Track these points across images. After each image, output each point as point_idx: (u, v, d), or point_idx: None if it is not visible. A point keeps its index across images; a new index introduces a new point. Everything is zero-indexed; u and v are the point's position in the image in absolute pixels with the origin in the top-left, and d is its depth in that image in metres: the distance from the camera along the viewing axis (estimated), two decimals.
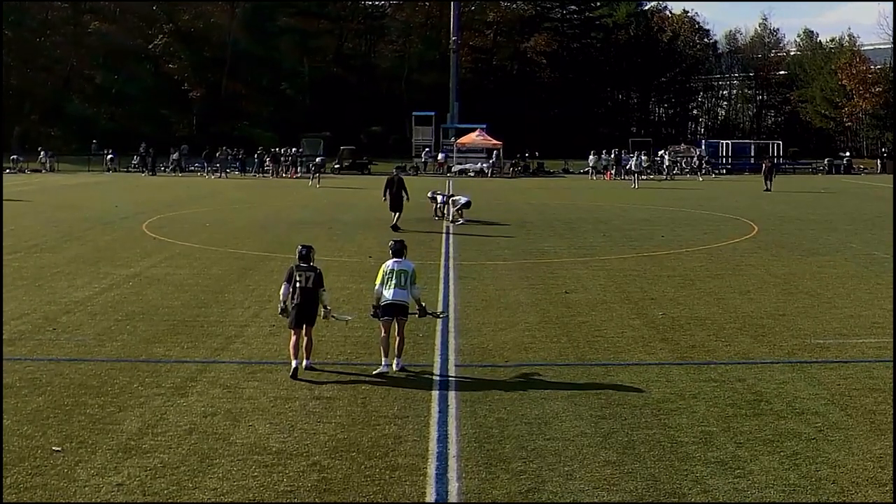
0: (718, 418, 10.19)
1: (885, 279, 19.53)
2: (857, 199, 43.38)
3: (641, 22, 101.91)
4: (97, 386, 11.22)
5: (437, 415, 10.26)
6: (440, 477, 8.47)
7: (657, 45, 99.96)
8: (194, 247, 24.11)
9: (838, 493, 8.22)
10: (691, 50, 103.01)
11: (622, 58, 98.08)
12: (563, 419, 10.10)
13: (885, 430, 9.85)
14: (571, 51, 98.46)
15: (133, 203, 37.48)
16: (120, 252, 22.93)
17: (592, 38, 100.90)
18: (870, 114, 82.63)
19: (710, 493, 8.16)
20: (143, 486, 8.17)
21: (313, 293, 12.36)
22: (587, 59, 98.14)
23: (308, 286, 12.33)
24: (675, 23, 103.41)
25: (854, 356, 13.11)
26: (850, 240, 26.43)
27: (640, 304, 16.66)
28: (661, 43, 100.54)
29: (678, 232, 28.47)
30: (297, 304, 12.20)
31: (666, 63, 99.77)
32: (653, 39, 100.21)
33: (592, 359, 12.86)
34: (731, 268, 21.14)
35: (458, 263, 21.20)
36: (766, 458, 9.02)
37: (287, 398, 10.80)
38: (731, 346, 13.59)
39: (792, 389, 11.34)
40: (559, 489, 8.21)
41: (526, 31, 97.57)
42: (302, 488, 8.18)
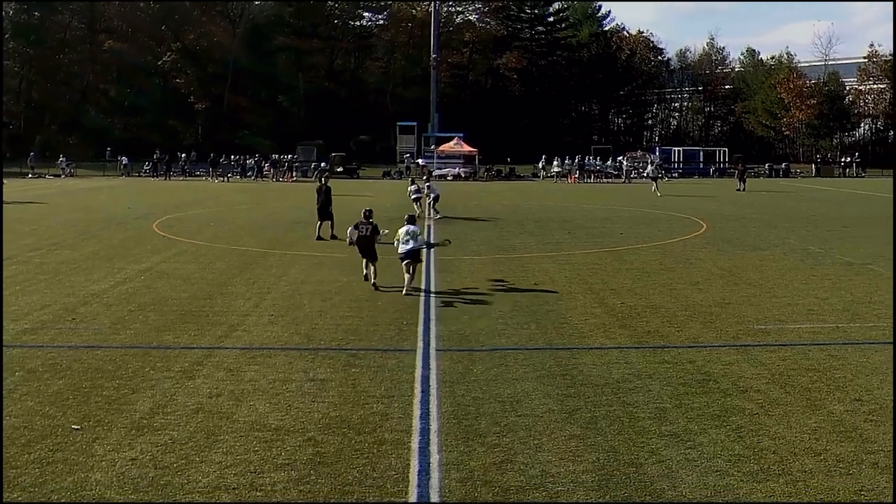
0: (671, 396, 10.25)
1: (818, 271, 19.69)
2: (794, 200, 43.69)
3: (602, 41, 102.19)
4: (112, 370, 11.19)
5: (419, 394, 10.28)
6: (423, 450, 8.49)
7: (616, 62, 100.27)
8: (200, 244, 24.04)
9: (778, 462, 8.29)
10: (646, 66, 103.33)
11: (585, 73, 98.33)
12: (532, 398, 10.13)
13: (819, 406, 9.93)
14: (539, 67, 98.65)
15: (144, 205, 37.35)
16: (132, 249, 22.84)
17: (558, 56, 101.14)
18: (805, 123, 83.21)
19: (664, 462, 8.21)
20: (155, 461, 8.16)
21: (370, 238, 17.30)
22: (554, 74, 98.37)
23: (367, 234, 17.32)
24: (632, 42, 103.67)
25: (792, 340, 13.22)
26: (788, 236, 26.62)
27: (601, 294, 16.73)
28: (620, 60, 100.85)
29: (635, 229, 28.60)
30: (360, 245, 17.32)
31: (624, 78, 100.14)
32: (612, 57, 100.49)
33: (559, 343, 12.91)
34: (683, 261, 21.25)
35: (437, 258, 21.20)
36: (713, 431, 9.09)
37: (284, 380, 10.79)
38: (682, 332, 13.67)
39: (737, 370, 11.42)
40: (529, 460, 8.24)
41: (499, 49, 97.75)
42: (298, 461, 8.18)
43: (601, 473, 7.93)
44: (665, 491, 7.56)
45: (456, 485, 7.66)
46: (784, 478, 7.91)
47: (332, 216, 25.31)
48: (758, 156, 78.14)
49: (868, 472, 8.04)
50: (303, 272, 19.21)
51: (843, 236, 26.70)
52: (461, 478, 7.81)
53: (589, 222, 31.00)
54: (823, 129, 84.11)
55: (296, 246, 23.67)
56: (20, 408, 9.61)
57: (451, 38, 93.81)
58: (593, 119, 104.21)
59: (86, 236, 25.71)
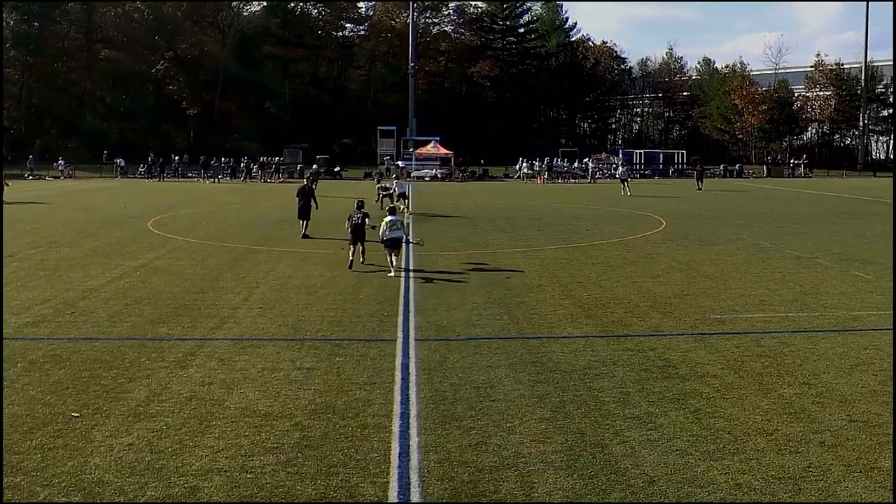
0: (634, 381, 10.31)
1: (769, 264, 19.86)
2: (747, 199, 44.02)
3: (569, 51, 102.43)
4: (110, 360, 11.12)
5: (399, 381, 10.28)
6: (403, 433, 8.49)
7: (582, 71, 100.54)
8: (192, 241, 23.90)
9: (733, 441, 8.35)
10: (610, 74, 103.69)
11: (553, 81, 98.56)
12: (505, 384, 10.16)
13: (770, 390, 10.02)
14: (511, 75, 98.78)
15: (139, 205, 37.07)
16: (129, 246, 22.67)
17: (528, 65, 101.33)
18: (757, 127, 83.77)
19: (627, 443, 8.26)
20: (150, 446, 8.12)
21: (361, 224, 19.10)
22: (524, 82, 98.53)
23: (359, 222, 19.10)
24: (596, 52, 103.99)
25: (745, 328, 13.33)
26: (741, 232, 26.81)
27: (568, 287, 16.79)
28: (585, 68, 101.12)
29: (600, 226, 28.72)
30: (353, 230, 19.07)
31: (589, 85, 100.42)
32: (578, 66, 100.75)
33: (529, 333, 12.95)
34: (644, 256, 21.36)
35: (415, 254, 21.19)
36: (673, 413, 9.15)
37: (273, 369, 10.76)
38: (644, 321, 13.74)
39: (694, 356, 11.50)
40: (502, 442, 8.26)
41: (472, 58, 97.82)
42: (286, 445, 8.17)
43: (569, 454, 7.97)
44: (629, 469, 7.60)
45: (434, 465, 7.67)
46: (738, 456, 7.98)
47: (309, 216, 25.13)
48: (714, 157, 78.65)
49: (816, 451, 8.12)
50: (289, 267, 19.15)
51: (792, 232, 26.94)
52: (439, 459, 7.82)
53: (557, 220, 31.09)
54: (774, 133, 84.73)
55: (283, 243, 23.58)
56: (22, 397, 9.53)
57: (428, 48, 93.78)
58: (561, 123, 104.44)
59: (84, 234, 25.49)
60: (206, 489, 7.15)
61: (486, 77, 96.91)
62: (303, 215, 25.02)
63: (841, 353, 11.69)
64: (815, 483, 7.38)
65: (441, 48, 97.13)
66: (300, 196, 25.36)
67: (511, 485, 7.28)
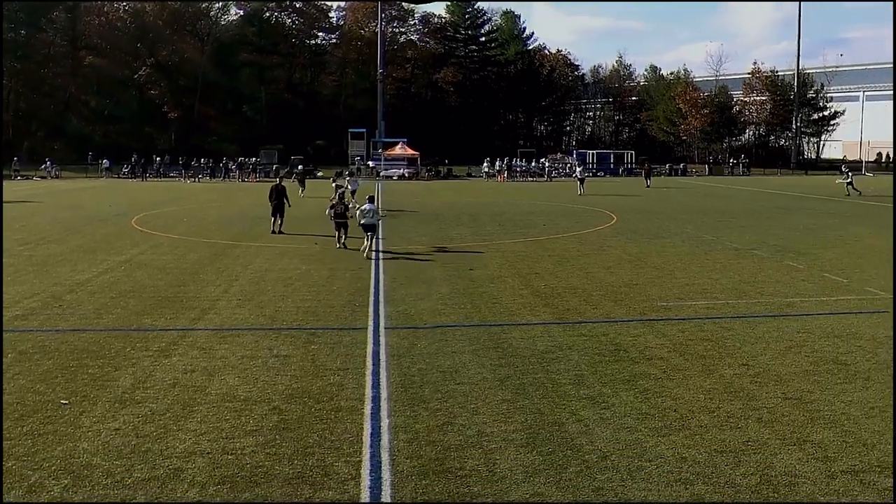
0: (588, 364, 10.39)
1: (711, 256, 20.08)
2: (690, 196, 44.46)
3: (526, 59, 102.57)
4: (96, 350, 10.97)
5: (371, 367, 10.27)
6: (374, 415, 8.49)
7: (539, 77, 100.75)
8: (174, 237, 23.64)
9: (679, 418, 8.45)
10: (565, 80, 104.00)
11: (512, 86, 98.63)
12: (469, 368, 10.19)
13: (712, 371, 10.15)
14: (473, 81, 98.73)
15: (123, 203, 36.58)
16: (113, 242, 22.37)
17: (489, 71, 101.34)
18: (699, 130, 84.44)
19: (582, 421, 8.33)
20: (136, 430, 8.04)
21: (343, 213, 21.22)
22: (485, 87, 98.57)
23: (341, 212, 21.21)
24: (552, 60, 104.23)
25: (689, 315, 13.47)
26: (685, 226, 27.08)
27: (527, 278, 16.85)
28: (542, 75, 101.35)
29: (556, 221, 28.85)
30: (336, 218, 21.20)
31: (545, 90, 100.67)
32: (535, 72, 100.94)
33: (491, 320, 12.99)
34: (596, 249, 21.50)
35: (385, 248, 21.14)
36: (624, 393, 9.23)
37: (252, 357, 10.69)
38: (597, 309, 13.84)
39: (643, 341, 11.61)
40: (467, 422, 8.29)
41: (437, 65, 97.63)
42: (265, 427, 8.13)
43: (529, 432, 8.02)
44: (583, 445, 7.67)
45: (403, 445, 7.68)
46: (684, 432, 8.07)
47: (283, 213, 24.83)
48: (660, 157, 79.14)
49: (754, 426, 8.24)
50: (267, 261, 19.02)
51: (732, 226, 27.26)
52: (408, 438, 7.83)
53: (516, 216, 31.18)
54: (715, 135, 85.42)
55: (260, 238, 23.40)
56: (13, 386, 9.38)
57: (396, 56, 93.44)
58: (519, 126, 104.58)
59: (71, 232, 25.09)
60: (190, 470, 7.10)
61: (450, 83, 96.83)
62: (276, 213, 24.76)
63: (776, 336, 11.87)
64: (753, 456, 7.49)
65: (408, 56, 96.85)
66: (273, 195, 25.05)
67: (475, 461, 7.31)
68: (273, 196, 24.98)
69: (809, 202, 38.85)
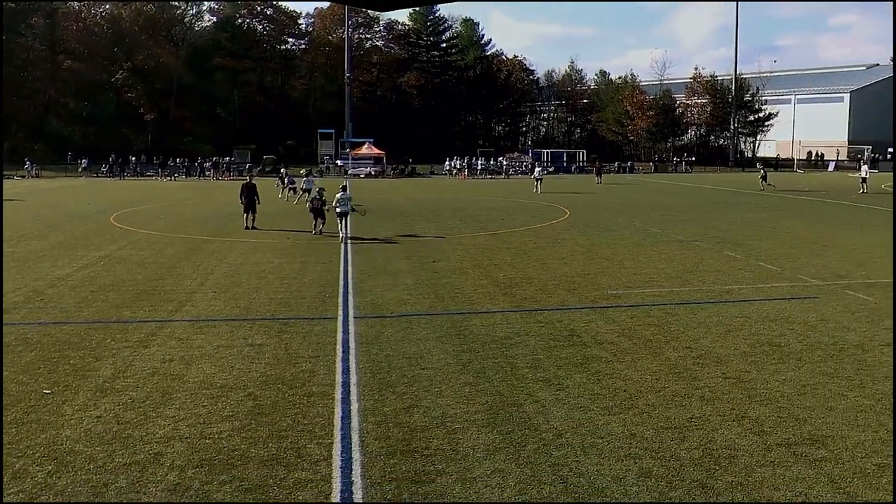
0: (544, 349, 10.45)
1: (657, 247, 20.32)
2: (637, 192, 44.90)
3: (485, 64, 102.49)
4: (77, 342, 10.78)
5: (341, 353, 10.23)
6: (344, 399, 8.46)
7: (496, 81, 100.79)
8: (152, 233, 23.29)
9: (628, 398, 8.54)
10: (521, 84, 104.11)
11: (471, 90, 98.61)
12: (433, 354, 10.20)
13: (658, 353, 10.27)
14: (435, 84, 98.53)
15: (102, 201, 35.95)
16: (93, 239, 21.98)
17: (450, 76, 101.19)
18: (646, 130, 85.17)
19: (539, 402, 8.38)
20: (117, 417, 7.92)
21: (321, 207, 22.58)
22: (446, 90, 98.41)
23: (317, 206, 22.63)
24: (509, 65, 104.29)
25: (637, 302, 13.61)
26: (633, 220, 27.35)
27: (487, 269, 16.90)
28: (499, 79, 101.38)
29: (513, 216, 28.95)
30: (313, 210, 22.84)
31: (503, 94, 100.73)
32: (493, 77, 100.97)
33: (454, 309, 13.01)
34: (551, 241, 21.63)
35: (354, 242, 21.06)
36: (577, 375, 9.31)
37: (227, 346, 10.59)
38: (552, 297, 13.92)
39: (595, 327, 11.70)
40: (431, 404, 8.30)
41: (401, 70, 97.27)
42: (241, 413, 8.06)
43: (490, 413, 8.05)
44: (540, 424, 7.72)
45: (372, 427, 7.66)
46: (632, 410, 8.17)
47: (255, 210, 24.54)
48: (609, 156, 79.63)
49: (697, 404, 8.37)
50: (241, 256, 18.83)
51: (675, 220, 27.60)
52: (377, 421, 7.82)
53: (476, 211, 31.24)
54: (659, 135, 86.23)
55: (234, 234, 23.16)
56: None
57: (362, 61, 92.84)
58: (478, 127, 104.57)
59: (51, 228, 24.58)
60: (170, 454, 7.01)
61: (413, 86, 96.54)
62: (248, 209, 24.48)
63: (717, 321, 12.05)
64: (696, 431, 7.61)
65: (373, 60, 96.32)
66: (244, 192, 24.74)
67: (439, 441, 7.32)
68: (244, 194, 24.72)
69: (747, 197, 39.47)
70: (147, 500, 6.19)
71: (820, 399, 8.52)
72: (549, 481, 6.50)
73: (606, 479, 6.54)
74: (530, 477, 6.58)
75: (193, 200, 37.38)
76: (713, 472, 6.71)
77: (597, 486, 6.42)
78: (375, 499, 6.20)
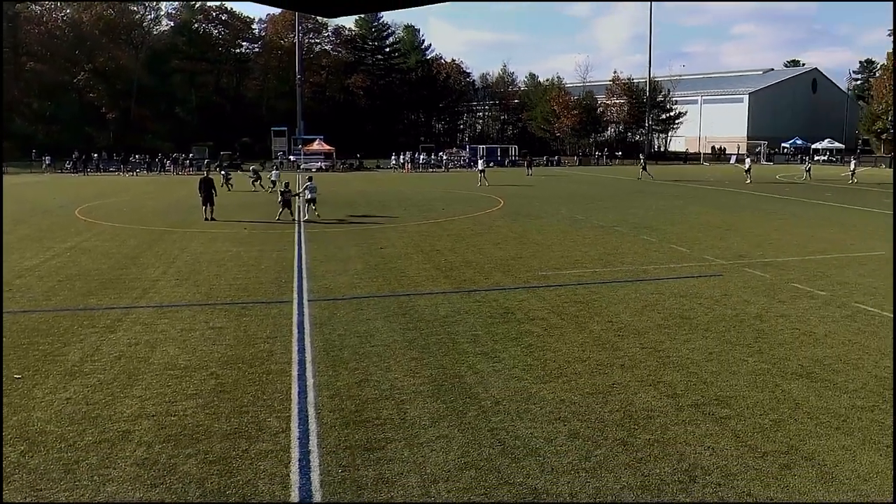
0: (482, 325, 10.53)
1: (581, 232, 20.59)
2: (564, 183, 45.39)
3: (425, 67, 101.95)
4: (46, 329, 10.42)
5: (297, 334, 10.12)
6: (301, 376, 8.39)
7: (436, 82, 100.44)
8: (115, 225, 22.59)
9: (557, 368, 8.68)
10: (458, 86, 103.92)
11: (413, 91, 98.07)
12: (382, 332, 10.18)
13: (584, 327, 10.44)
14: (380, 86, 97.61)
15: (67, 196, 34.66)
16: (58, 231, 21.20)
17: (393, 78, 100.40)
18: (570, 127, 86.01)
19: (478, 373, 8.45)
20: (86, 399, 7.70)
21: (290, 199, 23.46)
22: (390, 91, 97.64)
23: (287, 198, 23.43)
24: (447, 67, 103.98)
25: (564, 282, 13.79)
26: (560, 208, 27.66)
27: (429, 254, 16.91)
28: (439, 81, 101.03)
29: (452, 206, 28.98)
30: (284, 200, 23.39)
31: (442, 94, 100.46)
32: (433, 78, 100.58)
33: (400, 291, 12.99)
34: (487, 228, 21.74)
35: (306, 232, 20.82)
36: (512, 349, 9.41)
37: (190, 329, 10.37)
38: (488, 279, 14.02)
39: (527, 304, 11.83)
40: (381, 378, 8.29)
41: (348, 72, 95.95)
42: (204, 391, 7.92)
43: (434, 384, 8.09)
44: (480, 394, 7.79)
45: (327, 400, 7.62)
46: (562, 379, 8.30)
47: (213, 202, 24.11)
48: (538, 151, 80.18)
49: (618, 371, 8.55)
50: (201, 245, 18.42)
51: (598, 208, 28.02)
52: (331, 394, 7.78)
53: (419, 201, 31.17)
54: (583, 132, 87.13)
55: (194, 225, 22.63)
56: None
57: (312, 63, 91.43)
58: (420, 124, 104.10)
59: (18, 222, 23.59)
60: (137, 431, 6.85)
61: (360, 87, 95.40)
62: (206, 201, 24.00)
63: (634, 297, 12.31)
64: (617, 395, 7.78)
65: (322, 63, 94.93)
66: (202, 186, 24.26)
67: (389, 411, 7.33)
68: (202, 188, 24.25)
69: (659, 188, 40.31)
70: (117, 474, 6.04)
71: (724, 364, 8.79)
72: (488, 444, 6.58)
73: (539, 441, 6.64)
74: (471, 441, 6.64)
75: (154, 194, 36.35)
76: (633, 431, 6.88)
77: (531, 447, 6.51)
78: (332, 466, 6.18)
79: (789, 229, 21.24)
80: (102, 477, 5.98)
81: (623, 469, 6.11)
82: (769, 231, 20.78)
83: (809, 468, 6.15)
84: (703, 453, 6.41)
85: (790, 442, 6.65)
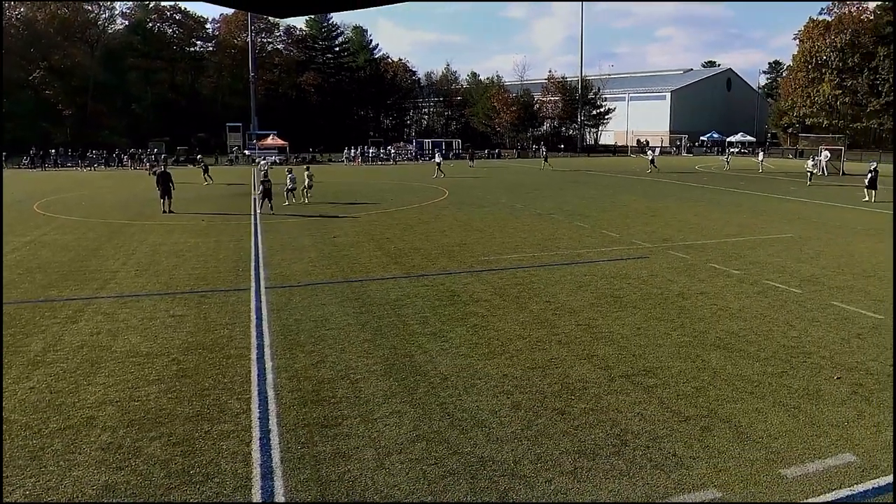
0: (430, 308, 10.55)
1: (520, 220, 20.77)
2: (504, 174, 45.63)
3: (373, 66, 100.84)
4: (7, 321, 10.00)
5: (255, 319, 9.97)
6: (259, 359, 8.28)
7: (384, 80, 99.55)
8: (74, 219, 21.77)
9: (500, 345, 8.76)
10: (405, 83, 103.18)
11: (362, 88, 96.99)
12: (336, 316, 10.10)
13: (524, 307, 10.57)
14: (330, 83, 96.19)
15: (25, 191, 33.20)
16: (17, 226, 20.32)
17: (343, 76, 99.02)
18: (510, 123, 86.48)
19: (427, 353, 8.48)
20: (50, 387, 7.43)
21: (269, 189, 22.96)
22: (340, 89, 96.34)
23: (268, 188, 22.98)
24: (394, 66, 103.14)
25: (505, 266, 13.91)
26: (500, 198, 27.83)
27: (380, 242, 16.83)
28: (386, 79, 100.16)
29: (400, 196, 28.87)
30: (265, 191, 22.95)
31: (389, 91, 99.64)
32: (381, 77, 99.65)
33: (353, 277, 12.90)
34: (434, 217, 21.74)
35: (262, 222, 20.46)
36: (459, 329, 9.46)
37: (151, 318, 10.10)
38: (435, 264, 14.04)
39: (472, 288, 11.90)
40: (336, 359, 8.24)
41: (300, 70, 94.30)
42: (166, 376, 7.74)
43: (386, 364, 8.08)
44: (429, 371, 7.82)
45: (285, 381, 7.55)
46: (505, 355, 8.40)
47: (171, 195, 23.57)
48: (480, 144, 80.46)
49: (556, 347, 8.69)
50: (160, 237, 17.92)
51: (535, 196, 28.30)
52: (289, 376, 7.70)
53: (369, 193, 30.95)
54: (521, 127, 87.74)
55: (153, 218, 21.99)
56: None
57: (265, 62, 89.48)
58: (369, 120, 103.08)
59: None
60: (102, 417, 6.66)
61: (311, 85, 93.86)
62: (164, 195, 23.42)
63: (570, 279, 12.51)
64: (555, 369, 7.91)
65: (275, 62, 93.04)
66: (160, 180, 23.74)
67: (344, 390, 7.30)
68: (160, 181, 23.70)
69: (591, 178, 40.94)
70: (82, 459, 5.87)
71: (651, 338, 9.03)
72: (437, 417, 6.62)
73: (485, 413, 6.72)
74: (422, 415, 6.68)
75: (112, 189, 35.14)
76: (570, 401, 7.02)
77: (477, 419, 6.58)
78: (291, 443, 6.12)
79: (707, 215, 21.86)
80: (68, 462, 5.80)
81: (562, 436, 6.23)
82: (690, 217, 21.36)
83: (727, 429, 6.39)
84: (632, 419, 6.59)
85: (710, 406, 6.89)
